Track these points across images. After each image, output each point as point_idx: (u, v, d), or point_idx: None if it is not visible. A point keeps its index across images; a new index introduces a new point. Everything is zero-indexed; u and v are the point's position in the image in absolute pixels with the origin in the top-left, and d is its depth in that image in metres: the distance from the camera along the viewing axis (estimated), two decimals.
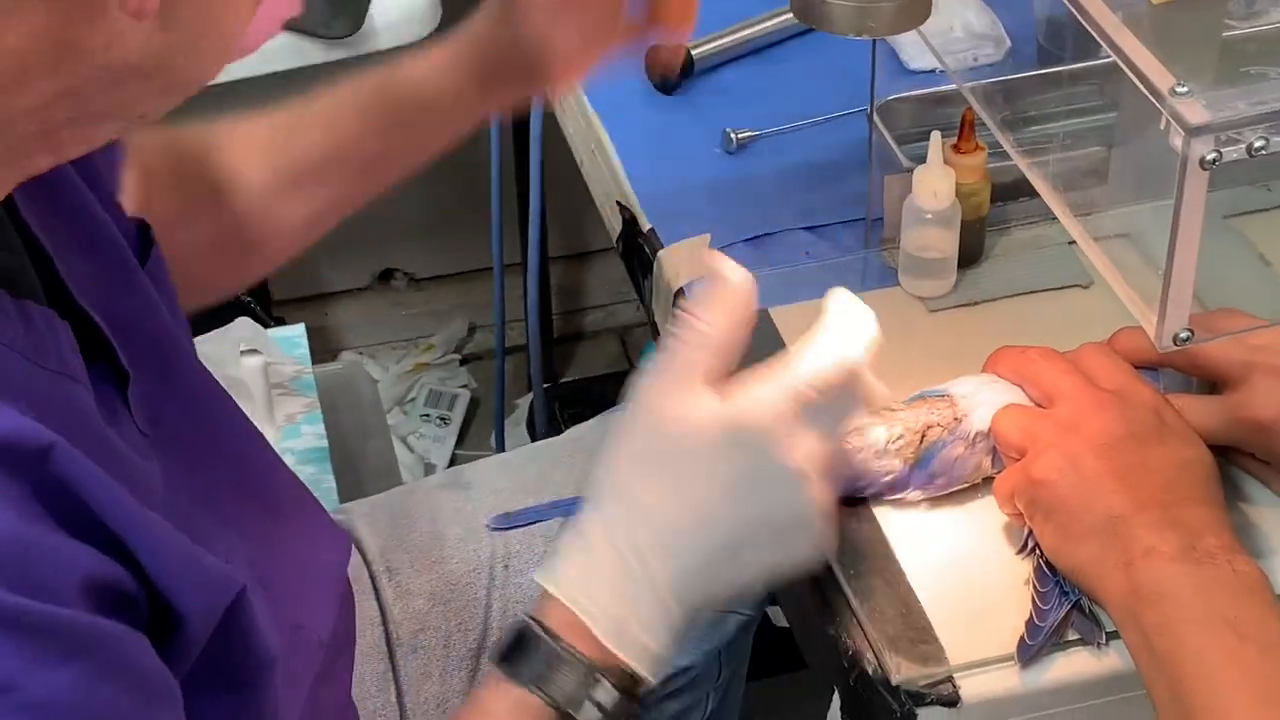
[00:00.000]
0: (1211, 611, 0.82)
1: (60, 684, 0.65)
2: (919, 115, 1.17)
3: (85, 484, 0.68)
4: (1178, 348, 0.86)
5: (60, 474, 0.67)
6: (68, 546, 0.67)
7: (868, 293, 1.11)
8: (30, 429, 0.67)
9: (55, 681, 0.65)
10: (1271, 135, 0.79)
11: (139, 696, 0.69)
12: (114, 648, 0.68)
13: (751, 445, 0.83)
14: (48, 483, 0.67)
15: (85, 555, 0.68)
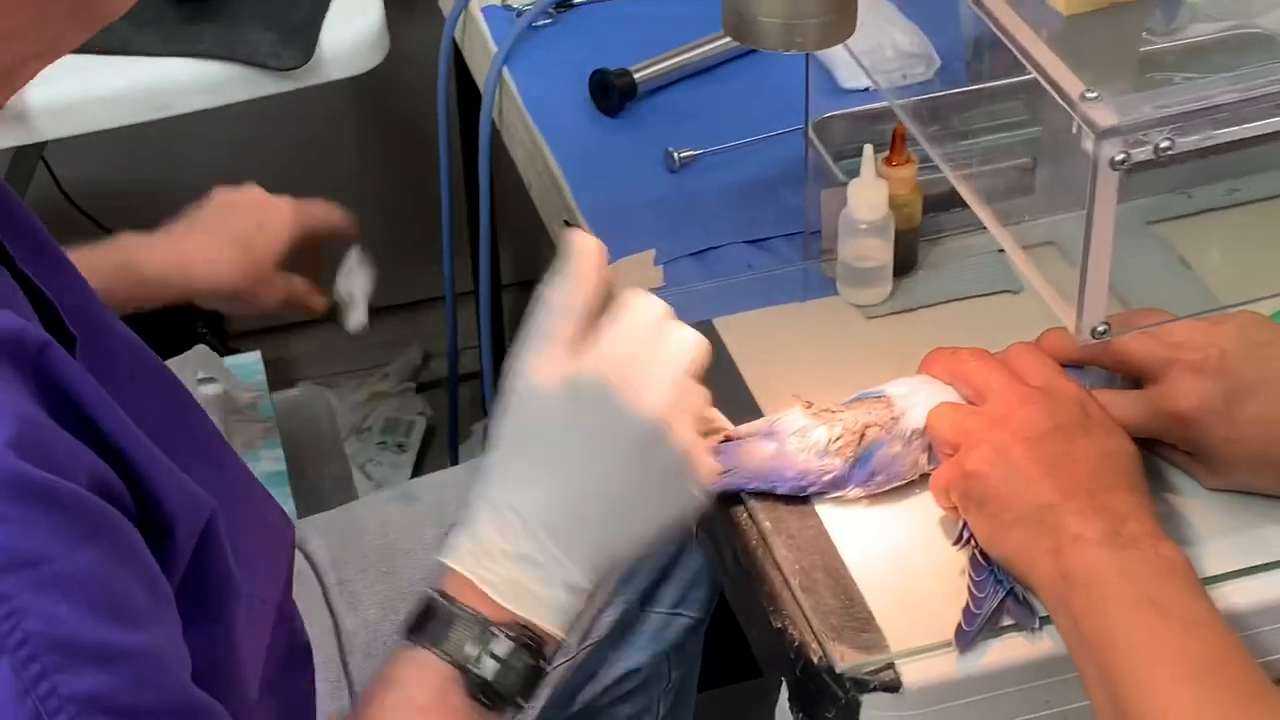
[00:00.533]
0: (1136, 593, 0.86)
1: (86, 561, 0.68)
2: (853, 132, 1.21)
3: (80, 388, 0.72)
4: (1096, 340, 0.91)
5: (58, 374, 0.71)
6: (72, 442, 0.70)
7: (808, 302, 1.16)
8: (29, 328, 0.70)
9: (82, 558, 0.68)
10: (1177, 136, 0.83)
11: (147, 589, 0.72)
12: (126, 536, 0.71)
13: (593, 396, 0.89)
14: (48, 381, 0.70)
15: (85, 453, 0.71)
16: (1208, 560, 0.95)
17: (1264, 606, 0.94)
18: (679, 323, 0.94)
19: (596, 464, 0.90)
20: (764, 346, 1.12)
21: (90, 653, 0.68)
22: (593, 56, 1.36)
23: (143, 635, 0.70)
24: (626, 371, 0.89)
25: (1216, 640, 0.84)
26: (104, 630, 0.68)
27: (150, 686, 0.70)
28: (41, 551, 0.66)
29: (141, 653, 0.70)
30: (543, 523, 0.89)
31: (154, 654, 0.71)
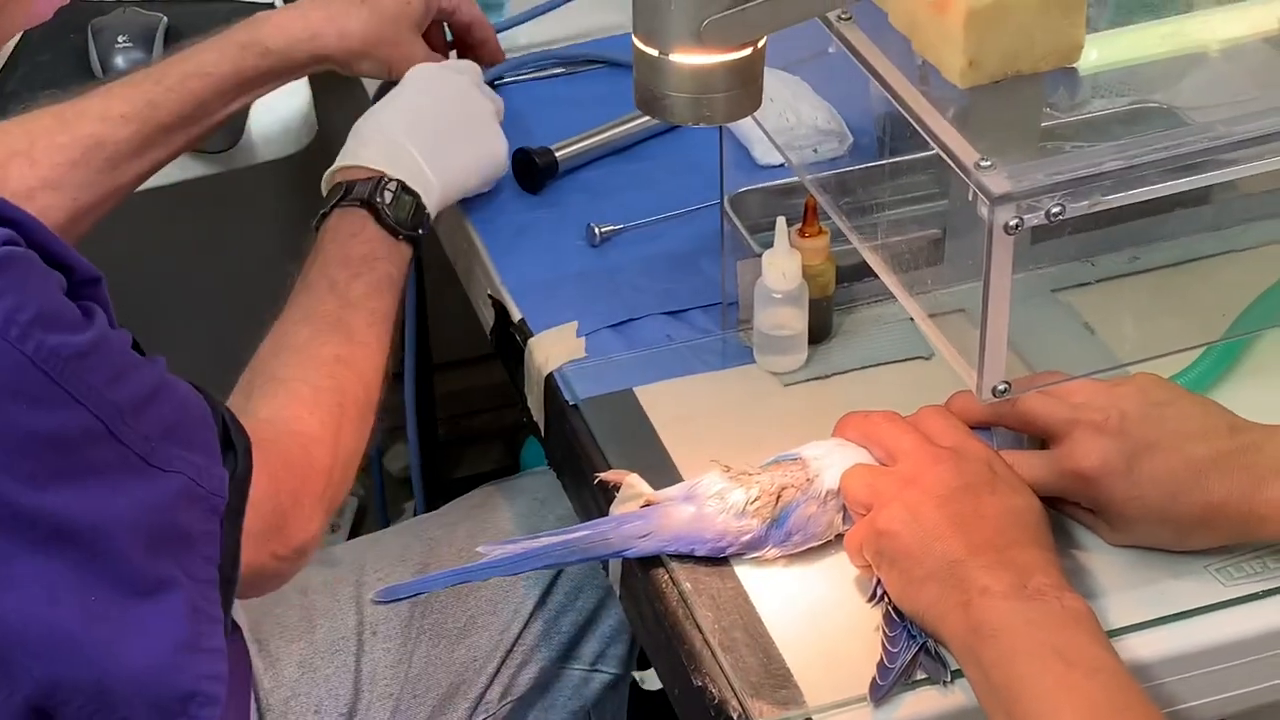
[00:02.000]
0: (1041, 642, 0.89)
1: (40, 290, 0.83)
2: (768, 205, 1.25)
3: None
4: (996, 399, 0.94)
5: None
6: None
7: (726, 370, 1.19)
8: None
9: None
10: (1068, 202, 0.87)
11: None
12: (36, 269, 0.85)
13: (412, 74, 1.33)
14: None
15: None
16: (1112, 613, 0.98)
17: (1167, 657, 0.97)
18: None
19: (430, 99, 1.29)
20: (683, 414, 1.15)
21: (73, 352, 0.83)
22: (515, 135, 1.39)
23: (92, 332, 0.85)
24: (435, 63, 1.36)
25: (1119, 686, 0.87)
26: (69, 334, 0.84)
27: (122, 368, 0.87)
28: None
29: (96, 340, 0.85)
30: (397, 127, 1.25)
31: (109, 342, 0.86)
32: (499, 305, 1.29)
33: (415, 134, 1.25)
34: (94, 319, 0.86)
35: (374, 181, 1.20)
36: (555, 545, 1.04)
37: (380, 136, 1.24)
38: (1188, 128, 0.98)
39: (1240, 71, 1.18)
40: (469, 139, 1.29)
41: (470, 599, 1.27)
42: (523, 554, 1.03)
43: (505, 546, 1.02)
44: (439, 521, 1.33)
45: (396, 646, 1.23)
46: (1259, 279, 1.18)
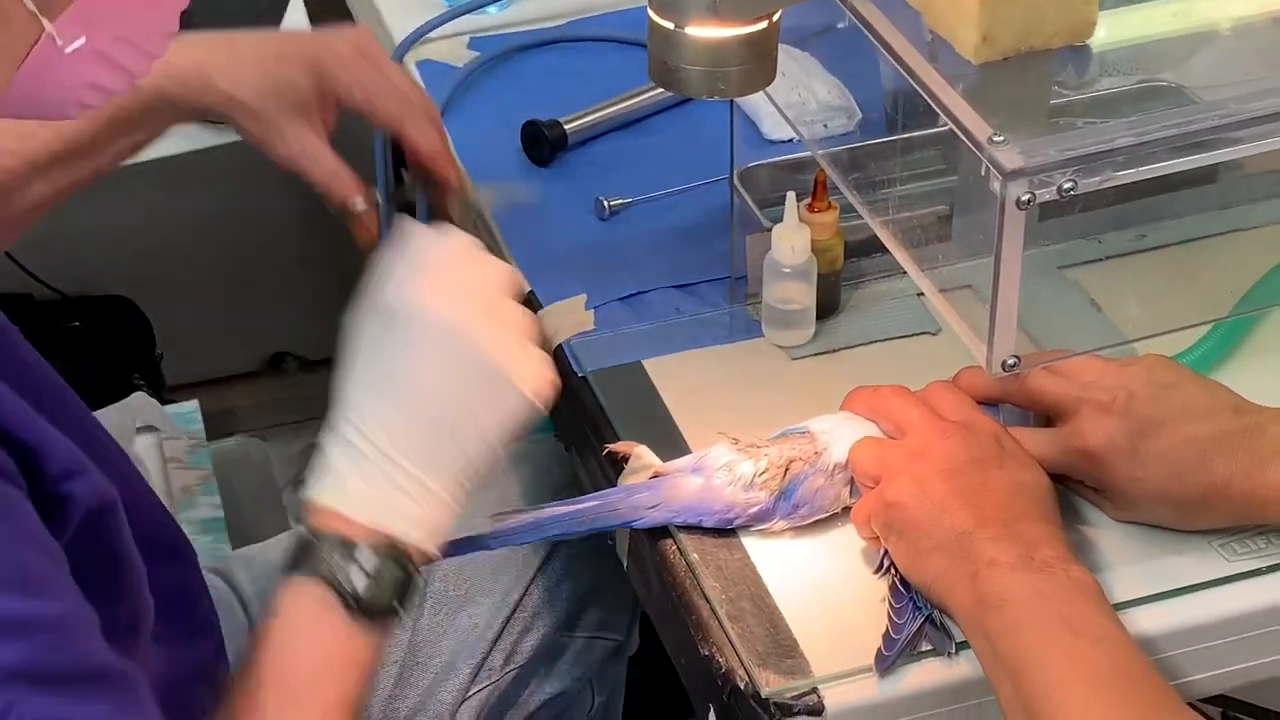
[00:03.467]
0: (1048, 612, 0.90)
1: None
2: (777, 180, 1.25)
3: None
4: (1006, 373, 0.95)
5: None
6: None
7: (734, 344, 1.20)
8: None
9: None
10: (1080, 178, 0.88)
11: (49, 560, 0.75)
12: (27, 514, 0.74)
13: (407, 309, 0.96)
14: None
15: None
16: (1117, 586, 0.99)
17: (1170, 631, 0.98)
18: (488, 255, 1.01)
19: (420, 370, 0.95)
20: (692, 387, 1.16)
21: (3, 625, 0.71)
22: (525, 109, 1.39)
23: (51, 604, 0.73)
24: (437, 286, 0.97)
25: (1124, 655, 0.88)
26: (13, 603, 0.71)
27: (63, 651, 0.73)
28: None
29: (51, 621, 0.73)
30: (384, 433, 0.94)
31: (64, 621, 0.74)
32: None
33: (413, 439, 0.95)
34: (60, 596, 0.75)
35: (341, 544, 0.92)
36: (564, 515, 1.05)
37: (360, 456, 0.94)
38: (1199, 105, 0.98)
39: (1249, 50, 1.19)
40: (478, 414, 0.97)
41: (470, 567, 1.28)
42: (532, 523, 1.04)
43: (515, 516, 1.03)
44: None
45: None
46: (1265, 258, 1.19)
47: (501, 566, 1.28)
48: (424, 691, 1.22)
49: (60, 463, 0.79)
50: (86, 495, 0.80)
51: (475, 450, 0.96)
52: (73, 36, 0.76)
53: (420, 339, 0.96)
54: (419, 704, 1.22)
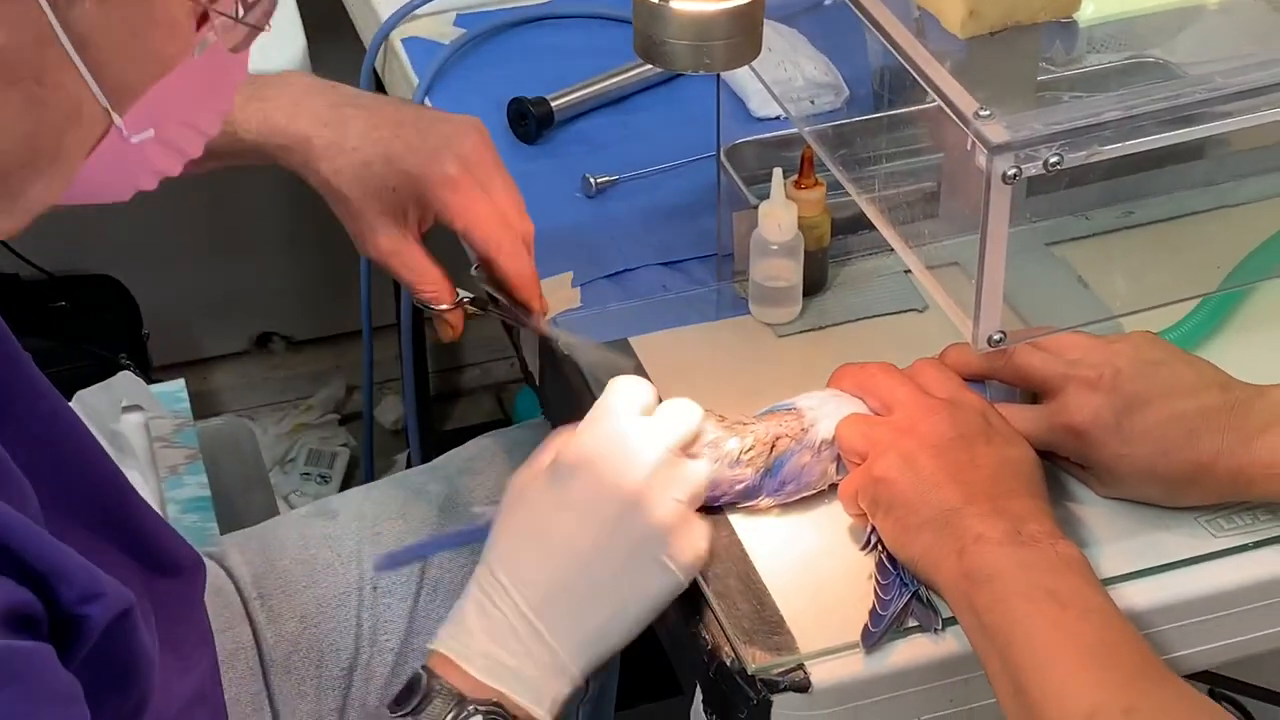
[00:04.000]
0: (1035, 585, 0.90)
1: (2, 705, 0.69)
2: (763, 157, 1.25)
3: (7, 527, 0.73)
4: (992, 349, 0.95)
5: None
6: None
7: (721, 321, 1.20)
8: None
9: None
10: (1066, 152, 0.87)
11: (60, 707, 0.74)
12: (37, 668, 0.73)
13: (574, 471, 0.95)
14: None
15: (7, 587, 0.72)
16: (1104, 562, 0.99)
17: (1157, 607, 0.98)
18: (668, 401, 1.00)
19: (578, 538, 0.94)
20: (679, 365, 1.15)
21: None
22: (511, 86, 1.39)
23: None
24: (605, 447, 0.95)
25: (1112, 626, 0.88)
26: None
27: None
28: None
29: None
30: (525, 597, 0.93)
31: None
32: None
33: (555, 609, 0.93)
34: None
35: (455, 701, 0.92)
36: None
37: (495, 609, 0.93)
38: (1186, 79, 0.98)
39: (1235, 26, 1.19)
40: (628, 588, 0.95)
41: (468, 552, 1.27)
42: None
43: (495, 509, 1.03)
44: (435, 475, 1.33)
45: (396, 601, 1.23)
46: (1251, 234, 1.19)
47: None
48: None
49: (78, 588, 0.77)
50: (103, 614, 0.79)
51: (615, 626, 0.95)
52: (141, 128, 0.76)
53: (580, 500, 0.95)
54: None
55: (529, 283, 1.11)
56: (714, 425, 1.04)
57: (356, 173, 1.08)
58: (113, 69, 0.72)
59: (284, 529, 1.28)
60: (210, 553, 1.25)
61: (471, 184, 1.09)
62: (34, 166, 0.74)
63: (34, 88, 0.71)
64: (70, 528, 0.84)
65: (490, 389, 2.41)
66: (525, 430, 1.40)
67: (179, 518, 1.51)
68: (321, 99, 1.11)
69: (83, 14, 0.70)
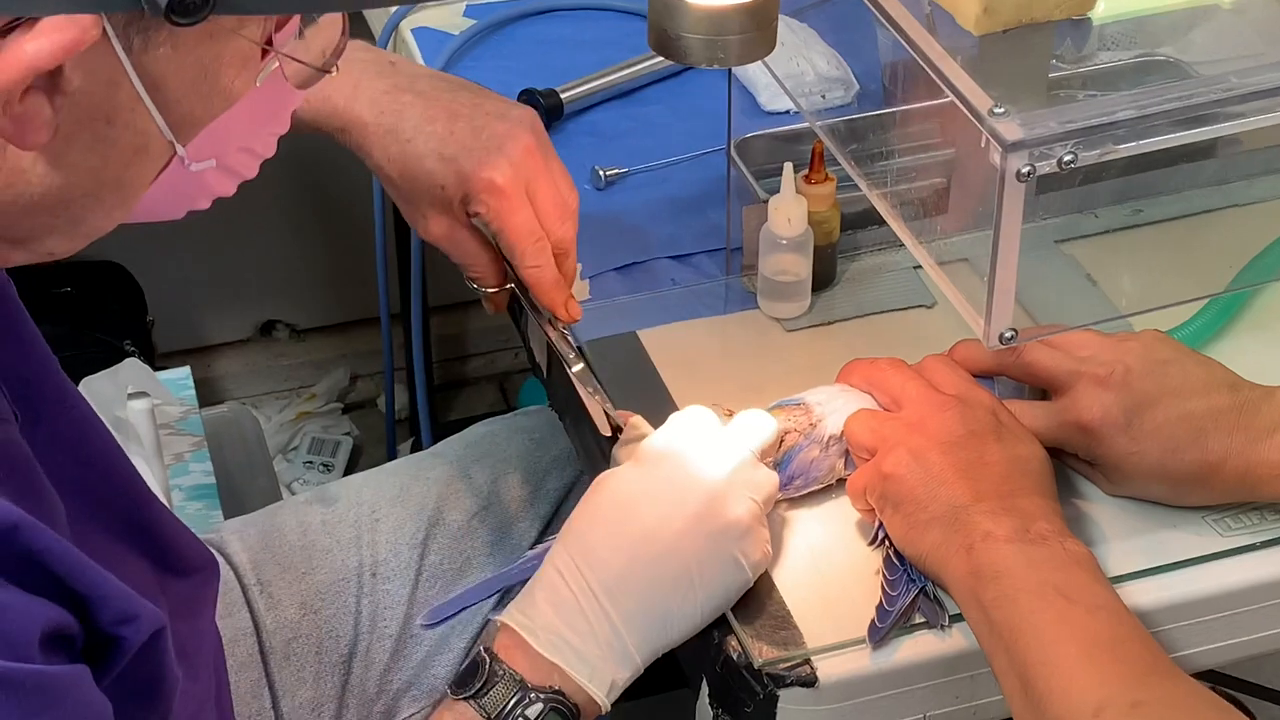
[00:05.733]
0: (1043, 581, 0.90)
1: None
2: (773, 151, 1.24)
3: (44, 549, 0.73)
4: (1004, 346, 0.94)
5: (25, 545, 0.72)
6: (28, 603, 0.71)
7: (729, 315, 1.20)
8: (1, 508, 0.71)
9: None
10: (1080, 150, 0.87)
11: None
12: (74, 694, 0.73)
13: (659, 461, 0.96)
14: (12, 553, 0.71)
15: (42, 609, 0.72)
16: (1111, 561, 0.99)
17: (1163, 605, 0.98)
18: (742, 412, 1.02)
19: (657, 525, 0.94)
20: (686, 358, 1.15)
21: None
22: (521, 77, 1.39)
23: None
24: (693, 443, 0.97)
25: (1120, 622, 0.88)
26: None
27: None
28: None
29: None
30: (597, 578, 0.93)
31: None
32: None
33: (624, 593, 0.93)
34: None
35: (517, 686, 0.92)
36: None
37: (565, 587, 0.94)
38: (1199, 79, 0.98)
39: (1247, 25, 1.19)
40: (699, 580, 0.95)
41: (467, 540, 1.28)
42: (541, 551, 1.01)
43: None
44: (435, 459, 1.33)
45: (396, 588, 1.23)
46: (1261, 234, 1.19)
47: (497, 539, 1.28)
48: (418, 665, 1.22)
49: (115, 610, 0.78)
50: (137, 636, 0.79)
51: (681, 617, 0.95)
52: (203, 158, 0.77)
53: (662, 488, 0.96)
54: (413, 677, 1.22)
55: (549, 290, 1.12)
56: (722, 420, 1.04)
57: (409, 165, 1.10)
58: (181, 106, 0.73)
59: (283, 515, 1.28)
60: (209, 539, 1.25)
61: (517, 190, 1.09)
62: (97, 196, 0.75)
63: (104, 127, 0.72)
64: (92, 530, 0.84)
65: (494, 379, 2.41)
66: (526, 416, 1.39)
67: (183, 505, 1.52)
68: (381, 82, 1.11)
69: (156, 58, 0.70)
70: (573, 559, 0.94)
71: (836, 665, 0.95)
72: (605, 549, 0.94)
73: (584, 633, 0.93)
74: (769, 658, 0.95)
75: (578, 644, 0.93)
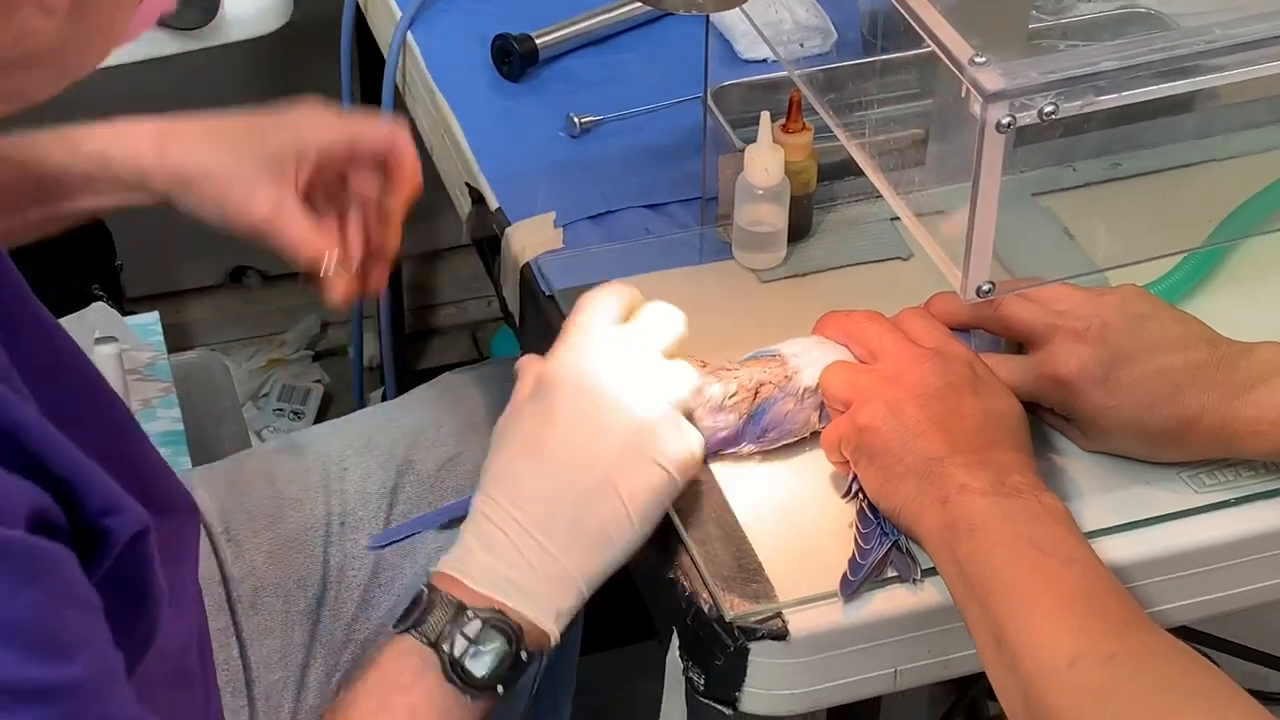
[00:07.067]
0: (1017, 534, 0.89)
1: (25, 603, 0.69)
2: (750, 100, 1.23)
3: (26, 426, 0.72)
4: (981, 299, 0.94)
5: (4, 420, 0.71)
6: (13, 482, 0.71)
7: (704, 265, 1.18)
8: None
9: (21, 600, 0.69)
10: (1061, 101, 0.86)
11: (82, 613, 0.74)
12: (64, 571, 0.72)
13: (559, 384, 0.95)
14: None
15: (27, 490, 0.72)
16: (1086, 516, 0.98)
17: (1138, 561, 0.98)
18: (649, 304, 1.00)
19: (567, 447, 0.94)
20: None
21: (28, 692, 0.69)
22: (495, 21, 1.37)
23: (77, 667, 0.72)
24: (581, 356, 0.96)
25: (1095, 576, 0.88)
26: (39, 669, 0.70)
27: (84, 717, 0.72)
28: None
29: (75, 686, 0.72)
30: (523, 513, 0.94)
31: (87, 685, 0.72)
32: (476, 193, 1.27)
33: (552, 507, 0.93)
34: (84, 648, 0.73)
35: (454, 608, 0.91)
36: None
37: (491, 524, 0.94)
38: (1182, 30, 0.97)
39: None
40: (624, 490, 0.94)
41: (436, 489, 1.27)
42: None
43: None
44: (404, 408, 1.32)
45: (364, 536, 1.22)
46: (1239, 189, 1.18)
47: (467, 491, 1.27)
48: (386, 614, 1.21)
49: (99, 498, 0.77)
50: (123, 529, 0.79)
51: (615, 531, 0.94)
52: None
53: (564, 408, 0.95)
54: (381, 626, 1.21)
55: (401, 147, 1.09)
56: (697, 370, 1.03)
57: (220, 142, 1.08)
58: None
59: (250, 464, 1.27)
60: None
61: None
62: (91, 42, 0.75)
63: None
64: None
65: (466, 328, 2.39)
66: (495, 366, 1.38)
67: None
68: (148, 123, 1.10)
69: None
70: (496, 500, 0.94)
71: (808, 619, 0.94)
72: (525, 482, 0.94)
73: (521, 566, 0.93)
74: (740, 611, 0.94)
75: (516, 577, 0.93)
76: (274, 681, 1.17)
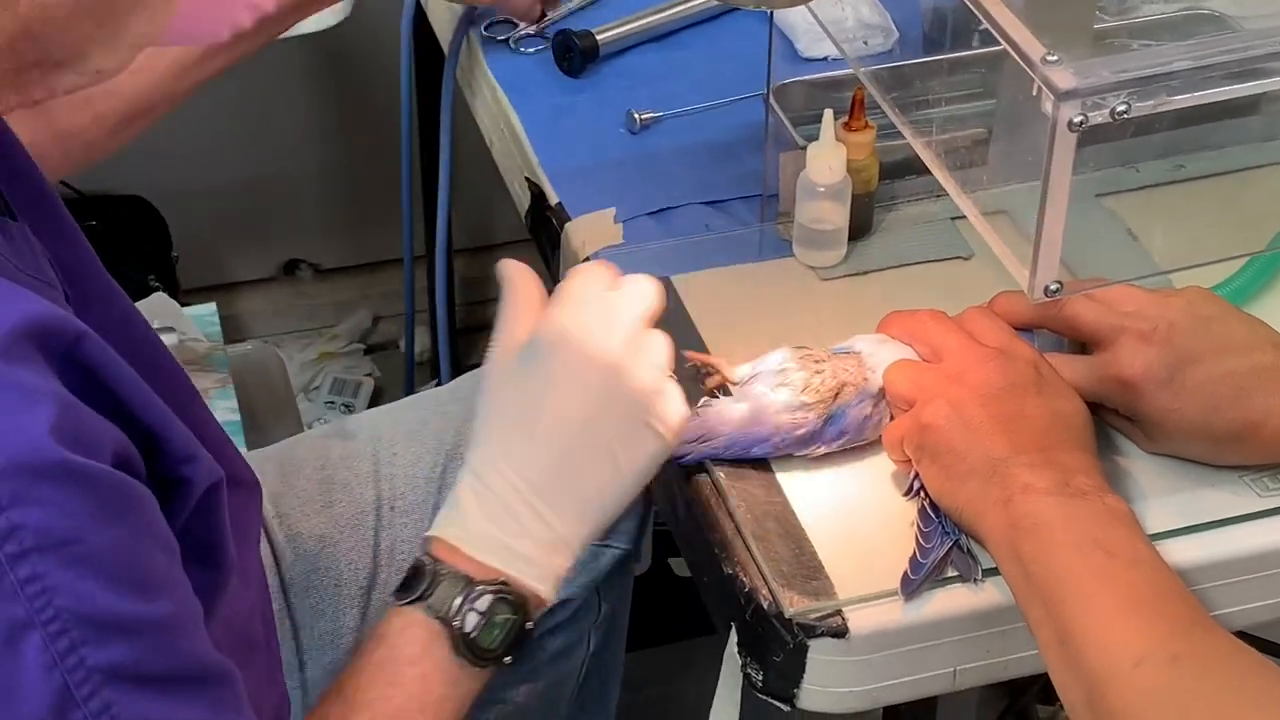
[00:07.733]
0: (1082, 535, 0.89)
1: (112, 537, 0.70)
2: (812, 98, 1.23)
3: (108, 369, 0.74)
4: (1048, 299, 0.93)
5: (88, 360, 0.72)
6: (100, 421, 0.72)
7: (764, 262, 1.18)
8: (64, 318, 0.72)
9: (109, 535, 0.70)
10: (1133, 101, 0.86)
11: (165, 556, 0.75)
12: (147, 509, 0.74)
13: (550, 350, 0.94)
14: (77, 366, 0.72)
15: (111, 429, 0.73)
16: (1148, 518, 0.97)
17: (1200, 564, 0.97)
18: (629, 276, 0.98)
19: (567, 411, 0.93)
20: (720, 305, 1.14)
21: (114, 625, 0.71)
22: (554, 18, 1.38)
23: (161, 605, 0.73)
24: (578, 323, 0.95)
25: (1158, 576, 0.88)
26: (127, 603, 0.71)
27: (168, 653, 0.73)
28: (74, 532, 0.69)
29: (159, 622, 0.73)
30: (520, 475, 0.93)
31: (170, 622, 0.74)
32: (536, 188, 1.27)
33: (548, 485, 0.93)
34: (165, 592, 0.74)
35: (462, 582, 0.91)
36: None
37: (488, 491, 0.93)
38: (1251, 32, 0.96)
39: None
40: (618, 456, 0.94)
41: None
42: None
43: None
44: (453, 395, 1.32)
45: (414, 521, 1.23)
46: None
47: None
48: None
49: (179, 447, 0.78)
50: (201, 480, 0.80)
51: (610, 495, 0.94)
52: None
53: (564, 374, 0.94)
54: None
55: None
56: (788, 354, 1.03)
57: None
58: None
59: (301, 449, 1.27)
60: None
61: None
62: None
63: None
64: None
65: None
66: None
67: None
68: None
69: None
70: (491, 462, 0.93)
71: (868, 617, 0.94)
72: (521, 446, 0.93)
73: (517, 532, 0.92)
74: (800, 607, 0.94)
75: (514, 544, 0.92)
76: (326, 664, 1.18)
